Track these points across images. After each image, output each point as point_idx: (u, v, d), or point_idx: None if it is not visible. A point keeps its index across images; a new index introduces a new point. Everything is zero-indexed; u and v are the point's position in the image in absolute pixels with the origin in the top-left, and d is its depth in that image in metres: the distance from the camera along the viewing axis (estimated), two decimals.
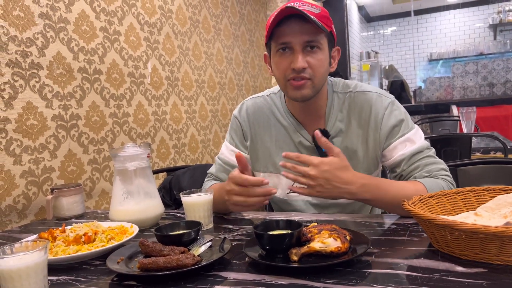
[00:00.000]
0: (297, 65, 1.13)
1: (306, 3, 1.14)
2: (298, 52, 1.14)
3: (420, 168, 1.17)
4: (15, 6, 1.53)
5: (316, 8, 1.14)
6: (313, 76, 1.16)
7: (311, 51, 1.15)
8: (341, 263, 0.80)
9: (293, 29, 1.13)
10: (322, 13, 1.15)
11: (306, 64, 1.14)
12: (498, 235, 0.71)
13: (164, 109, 2.40)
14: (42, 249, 0.73)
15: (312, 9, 1.13)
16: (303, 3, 1.14)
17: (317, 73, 1.17)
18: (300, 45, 1.14)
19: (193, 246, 0.93)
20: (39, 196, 1.58)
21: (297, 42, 1.14)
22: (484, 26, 8.20)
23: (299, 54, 1.14)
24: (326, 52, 1.19)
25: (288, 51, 1.16)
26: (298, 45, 1.14)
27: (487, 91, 6.58)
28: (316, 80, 1.17)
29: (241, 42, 3.49)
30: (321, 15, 1.14)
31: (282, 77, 1.19)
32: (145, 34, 2.26)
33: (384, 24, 9.02)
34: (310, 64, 1.15)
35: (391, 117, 1.22)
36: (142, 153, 1.25)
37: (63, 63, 1.72)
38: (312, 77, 1.16)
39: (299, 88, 1.17)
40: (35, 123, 1.58)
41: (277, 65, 1.19)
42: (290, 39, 1.14)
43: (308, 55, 1.15)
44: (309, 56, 1.15)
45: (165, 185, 1.89)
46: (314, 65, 1.15)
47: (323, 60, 1.17)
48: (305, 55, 1.15)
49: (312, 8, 1.14)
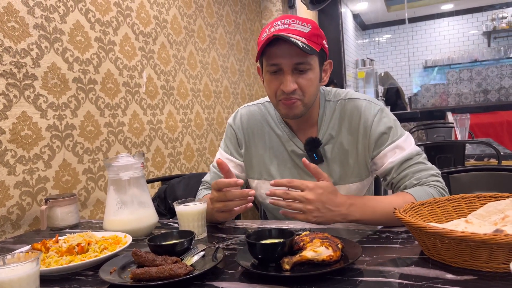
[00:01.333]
0: (286, 88, 1.15)
1: (297, 20, 1.15)
2: (287, 74, 1.15)
3: (409, 175, 1.18)
4: (10, 17, 1.54)
5: (306, 26, 1.15)
6: (302, 96, 1.18)
7: (301, 72, 1.16)
8: (333, 272, 0.81)
9: (283, 51, 1.14)
10: (312, 31, 1.15)
11: (296, 86, 1.16)
12: (487, 242, 0.71)
13: (159, 118, 2.40)
14: (34, 260, 0.73)
15: (302, 28, 1.14)
16: (294, 21, 1.15)
17: (307, 93, 1.18)
18: (289, 66, 1.15)
19: (186, 255, 0.93)
20: (33, 207, 1.57)
21: (287, 64, 1.14)
22: (478, 33, 8.27)
23: (288, 77, 1.15)
24: (316, 71, 1.19)
25: (279, 72, 1.17)
26: (288, 67, 1.15)
27: (481, 97, 6.63)
28: (306, 99, 1.19)
29: (237, 51, 3.51)
30: (311, 34, 1.14)
31: (273, 96, 1.22)
32: (140, 43, 2.27)
33: (379, 31, 9.09)
34: (300, 85, 1.16)
35: (380, 124, 1.23)
36: (136, 162, 1.25)
37: (58, 73, 1.73)
38: (301, 97, 1.18)
39: (290, 107, 1.18)
40: (30, 133, 1.58)
41: (268, 85, 1.21)
42: (279, 61, 1.15)
43: (297, 76, 1.16)
44: (299, 77, 1.16)
45: (160, 194, 1.89)
46: (303, 86, 1.17)
47: (313, 79, 1.18)
48: (294, 77, 1.16)
49: (302, 26, 1.14)
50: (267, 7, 4.12)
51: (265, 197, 1.37)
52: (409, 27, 8.63)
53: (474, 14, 8.27)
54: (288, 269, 0.81)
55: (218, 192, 1.12)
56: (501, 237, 0.71)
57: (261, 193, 1.38)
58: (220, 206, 1.13)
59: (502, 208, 0.91)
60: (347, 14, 7.45)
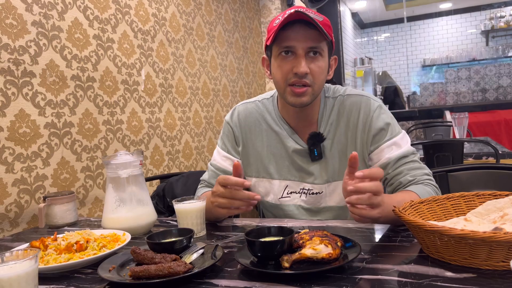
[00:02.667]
0: (300, 69, 1.14)
1: (310, 10, 1.16)
2: (301, 56, 1.15)
3: (404, 172, 1.19)
4: (8, 14, 1.53)
5: (319, 16, 1.16)
6: (313, 83, 1.17)
7: (314, 57, 1.17)
8: (332, 269, 0.80)
9: (298, 33, 1.14)
10: (324, 21, 1.17)
11: (308, 70, 1.15)
12: (486, 240, 0.72)
13: (158, 116, 2.40)
14: (33, 258, 0.73)
15: (316, 16, 1.15)
16: (307, 10, 1.15)
17: (318, 80, 1.18)
18: (303, 50, 1.15)
19: (185, 253, 0.93)
20: (32, 204, 1.57)
21: (301, 47, 1.15)
22: (477, 32, 8.29)
23: (302, 59, 1.15)
24: (326, 60, 1.20)
25: (291, 55, 1.17)
26: (302, 50, 1.15)
27: (479, 96, 6.64)
28: (316, 86, 1.19)
29: (235, 49, 3.50)
30: (324, 23, 1.16)
31: (283, 80, 1.20)
32: (138, 41, 2.26)
33: (377, 30, 9.10)
34: (312, 70, 1.16)
35: (379, 119, 1.24)
36: (134, 160, 1.25)
37: (56, 71, 1.72)
38: (312, 83, 1.17)
39: (300, 95, 1.18)
40: (28, 131, 1.58)
41: (279, 68, 1.20)
42: (294, 43, 1.15)
43: (310, 61, 1.16)
44: (311, 62, 1.16)
45: (158, 192, 1.89)
46: (315, 72, 1.17)
47: (323, 67, 1.19)
48: (307, 61, 1.16)
49: (316, 15, 1.16)
50: (265, 5, 4.11)
51: (263, 195, 1.37)
52: (408, 26, 8.64)
53: (472, 13, 8.29)
54: (288, 267, 0.81)
55: (225, 188, 1.11)
56: (500, 235, 0.71)
57: (259, 191, 1.37)
58: (224, 202, 1.12)
59: (501, 206, 0.91)
60: (345, 12, 7.46)
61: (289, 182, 1.32)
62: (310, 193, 1.30)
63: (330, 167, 1.27)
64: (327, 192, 1.28)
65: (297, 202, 1.32)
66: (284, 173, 1.32)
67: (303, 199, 1.31)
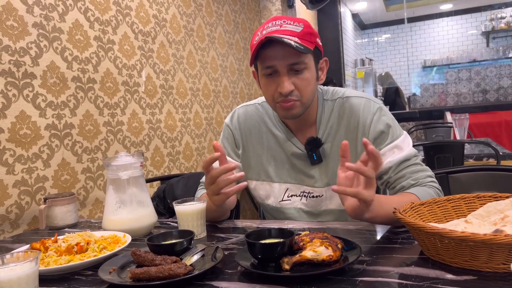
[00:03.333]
0: (283, 90, 1.14)
1: (288, 20, 1.14)
2: (283, 75, 1.14)
3: (407, 176, 1.18)
4: (9, 16, 1.53)
5: (298, 26, 1.14)
6: (300, 97, 1.17)
7: (297, 72, 1.15)
8: (333, 272, 0.80)
9: (276, 52, 1.13)
10: (304, 29, 1.14)
11: (293, 87, 1.15)
12: (487, 242, 0.71)
13: (158, 117, 2.40)
14: (33, 260, 0.73)
15: (294, 27, 1.13)
16: (285, 21, 1.14)
17: (304, 93, 1.17)
18: (284, 67, 1.14)
19: (185, 255, 0.92)
20: (32, 206, 1.57)
21: (281, 65, 1.13)
22: (477, 33, 8.29)
23: (284, 78, 1.14)
24: (312, 69, 1.18)
25: (274, 74, 1.16)
26: (283, 68, 1.14)
27: (480, 97, 6.63)
28: (304, 99, 1.18)
29: (236, 50, 3.50)
30: (304, 33, 1.13)
31: (270, 99, 1.21)
32: (139, 43, 2.27)
33: (378, 31, 9.10)
34: (297, 85, 1.15)
35: (379, 122, 1.22)
36: (135, 162, 1.25)
37: (57, 72, 1.72)
38: (299, 98, 1.17)
39: (289, 109, 1.18)
40: (28, 133, 1.58)
41: (265, 88, 1.20)
42: (274, 63, 1.14)
43: (294, 77, 1.15)
44: (295, 77, 1.15)
45: (159, 193, 1.89)
46: (300, 86, 1.16)
47: (309, 78, 1.17)
48: (291, 77, 1.15)
49: (294, 26, 1.13)
50: (266, 7, 4.11)
51: (263, 198, 1.37)
52: (408, 27, 8.64)
53: (473, 14, 8.28)
54: (288, 269, 0.81)
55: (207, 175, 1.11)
56: (501, 237, 0.71)
57: (260, 194, 1.37)
58: (213, 188, 1.11)
59: (501, 208, 0.91)
60: (346, 13, 7.46)
61: (289, 185, 1.32)
62: (311, 196, 1.30)
63: (330, 170, 1.27)
64: (328, 195, 1.28)
65: (297, 205, 1.32)
66: (284, 176, 1.32)
67: (304, 202, 1.31)
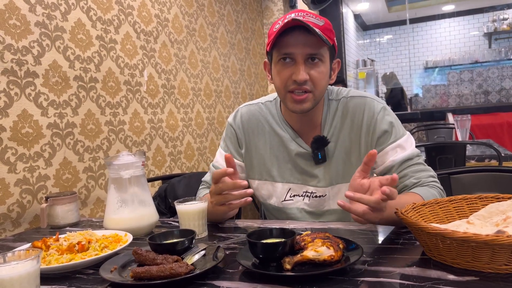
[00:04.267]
0: (298, 77, 1.13)
1: (310, 14, 1.14)
2: (300, 63, 1.14)
3: (409, 175, 1.18)
4: (11, 15, 1.54)
5: (320, 20, 1.14)
6: (313, 89, 1.16)
7: (313, 63, 1.15)
8: (334, 272, 0.80)
9: (297, 40, 1.12)
10: (325, 25, 1.15)
11: (308, 77, 1.14)
12: (489, 243, 0.71)
13: (160, 117, 2.40)
14: (35, 258, 0.73)
15: (316, 21, 1.13)
16: (308, 14, 1.14)
17: (318, 86, 1.16)
18: (302, 56, 1.13)
19: (186, 254, 0.92)
20: (34, 205, 1.57)
21: (300, 54, 1.13)
22: (479, 34, 8.28)
23: (301, 66, 1.13)
24: (327, 65, 1.18)
25: (290, 62, 1.15)
26: (301, 57, 1.13)
27: (482, 98, 6.62)
28: (316, 92, 1.17)
29: (238, 50, 3.51)
30: (325, 28, 1.14)
31: (282, 87, 1.19)
32: (141, 42, 2.27)
33: (380, 32, 9.09)
34: (312, 76, 1.15)
35: (383, 121, 1.22)
36: (136, 161, 1.25)
37: (59, 71, 1.73)
38: (313, 89, 1.16)
39: (300, 102, 1.17)
40: (30, 131, 1.58)
41: (278, 75, 1.18)
42: (293, 50, 1.13)
43: (310, 68, 1.15)
44: (311, 68, 1.15)
45: (160, 193, 1.89)
46: (315, 78, 1.15)
47: (324, 72, 1.17)
48: (307, 67, 1.14)
49: (316, 20, 1.14)
50: (268, 7, 4.11)
51: (265, 198, 1.37)
52: (410, 27, 8.63)
53: (475, 15, 8.28)
54: (289, 268, 0.81)
55: (216, 185, 1.11)
56: (503, 238, 0.70)
57: (262, 193, 1.37)
58: (219, 198, 1.11)
59: (503, 209, 0.90)
60: (348, 14, 7.45)
61: (292, 185, 1.31)
62: (313, 196, 1.30)
63: (333, 169, 1.26)
64: (331, 195, 1.28)
65: (300, 205, 1.32)
66: (287, 176, 1.31)
67: (306, 202, 1.31)
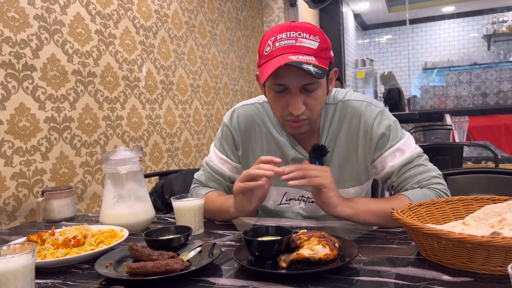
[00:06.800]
0: (295, 111, 1.09)
1: (303, 33, 1.08)
2: (295, 95, 1.09)
3: (410, 179, 1.17)
4: (10, 7, 1.53)
5: (314, 40, 1.07)
6: (310, 115, 1.13)
7: (309, 92, 1.10)
8: (330, 270, 0.80)
9: (291, 71, 1.06)
10: (320, 45, 1.08)
11: (304, 107, 1.10)
12: (484, 244, 0.71)
13: (158, 113, 2.39)
14: (30, 252, 0.73)
15: (310, 43, 1.07)
16: (301, 34, 1.07)
17: (315, 111, 1.14)
18: (297, 87, 1.09)
19: (182, 251, 0.92)
20: (30, 198, 1.57)
21: (295, 85, 1.08)
22: (478, 36, 8.30)
23: (297, 98, 1.09)
24: (324, 86, 1.14)
25: (285, 91, 1.11)
26: (296, 88, 1.09)
27: (480, 100, 6.64)
28: (314, 117, 1.15)
29: (237, 48, 3.50)
30: (320, 49, 1.08)
31: (279, 116, 1.17)
32: (140, 37, 2.26)
33: (379, 32, 9.09)
34: (308, 105, 1.11)
35: (380, 126, 1.20)
36: (134, 156, 1.25)
37: (57, 65, 1.72)
38: (309, 116, 1.13)
39: (297, 127, 1.15)
40: (27, 125, 1.58)
41: (274, 104, 1.15)
42: (287, 82, 1.08)
43: (306, 96, 1.10)
44: (307, 97, 1.11)
45: (157, 189, 1.88)
46: (311, 106, 1.12)
47: (321, 96, 1.13)
48: (302, 97, 1.10)
49: (310, 41, 1.07)
50: (268, 5, 4.11)
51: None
52: (410, 28, 8.64)
53: (475, 17, 8.29)
54: (285, 266, 0.81)
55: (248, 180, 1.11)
56: (498, 240, 0.71)
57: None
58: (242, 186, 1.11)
59: (499, 211, 0.91)
60: (348, 13, 7.45)
61: (288, 189, 1.29)
62: (310, 201, 1.28)
63: None
64: None
65: (296, 209, 1.31)
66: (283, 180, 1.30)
67: (302, 206, 1.30)
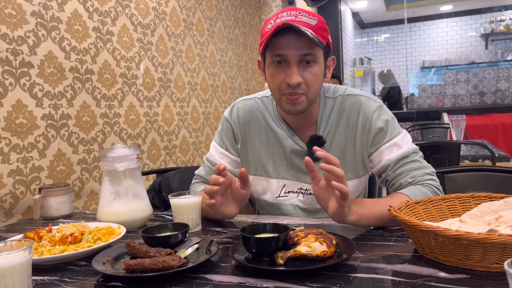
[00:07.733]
0: (292, 80, 1.11)
1: (303, 12, 1.12)
2: (293, 66, 1.12)
3: (405, 173, 1.18)
4: (7, 4, 1.52)
5: (313, 19, 1.12)
6: (307, 91, 1.15)
7: (307, 65, 1.13)
8: (327, 267, 0.81)
9: (289, 41, 1.10)
10: (319, 24, 1.12)
11: (301, 79, 1.12)
12: (481, 241, 0.72)
13: (155, 111, 2.39)
14: (27, 248, 0.73)
15: (309, 20, 1.11)
16: (300, 13, 1.12)
17: (312, 87, 1.15)
18: (295, 58, 1.11)
19: (180, 248, 0.92)
20: (27, 196, 1.56)
21: (293, 55, 1.11)
22: (476, 35, 8.31)
23: (294, 69, 1.12)
24: (321, 65, 1.17)
25: (284, 64, 1.14)
26: (294, 59, 1.11)
27: (477, 99, 6.65)
28: (310, 94, 1.16)
29: (235, 45, 3.50)
30: (318, 27, 1.12)
31: (276, 90, 1.18)
32: (138, 35, 2.26)
33: (377, 31, 9.10)
34: (305, 79, 1.13)
35: (378, 120, 1.22)
36: (131, 154, 1.24)
37: (55, 62, 1.71)
38: (306, 92, 1.15)
39: (294, 103, 1.15)
40: (25, 122, 1.57)
41: (272, 77, 1.17)
42: (285, 52, 1.11)
43: (303, 69, 1.13)
44: (305, 70, 1.13)
45: (154, 186, 1.88)
46: (309, 80, 1.14)
47: (318, 73, 1.15)
48: (300, 70, 1.12)
49: (309, 19, 1.12)
50: (266, 2, 4.10)
51: (260, 193, 1.37)
52: (408, 27, 8.65)
53: (472, 16, 8.30)
54: (282, 263, 0.81)
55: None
56: (494, 237, 0.71)
57: (256, 189, 1.37)
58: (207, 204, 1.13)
59: (496, 208, 0.91)
60: (346, 12, 7.45)
61: (287, 182, 1.31)
62: (308, 193, 1.30)
63: None
64: None
65: (294, 201, 1.32)
66: (282, 172, 1.31)
67: (300, 199, 1.31)
